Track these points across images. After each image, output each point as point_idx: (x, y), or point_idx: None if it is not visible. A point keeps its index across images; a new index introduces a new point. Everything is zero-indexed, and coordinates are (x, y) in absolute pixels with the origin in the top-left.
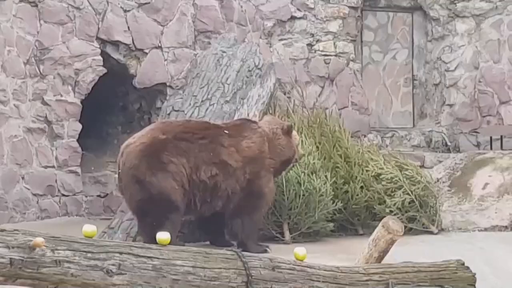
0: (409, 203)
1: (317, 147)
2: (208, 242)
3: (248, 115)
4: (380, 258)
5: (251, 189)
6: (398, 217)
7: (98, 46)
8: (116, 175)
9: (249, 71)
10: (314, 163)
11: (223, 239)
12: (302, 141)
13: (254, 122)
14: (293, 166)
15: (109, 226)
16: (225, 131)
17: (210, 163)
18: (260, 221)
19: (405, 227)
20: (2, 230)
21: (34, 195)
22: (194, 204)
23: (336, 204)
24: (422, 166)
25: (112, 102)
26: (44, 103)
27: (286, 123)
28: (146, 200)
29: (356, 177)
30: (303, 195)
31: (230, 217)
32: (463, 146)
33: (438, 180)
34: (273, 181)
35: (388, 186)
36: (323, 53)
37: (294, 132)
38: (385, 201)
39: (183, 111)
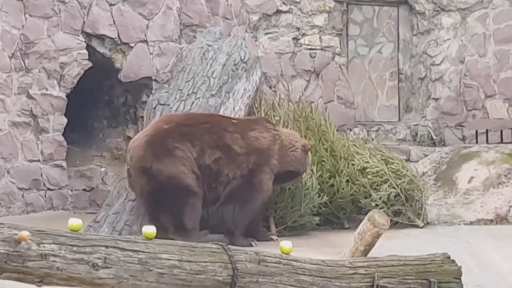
0: (395, 197)
1: None
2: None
3: (234, 109)
4: (366, 252)
5: (251, 179)
6: (383, 211)
7: (84, 40)
8: (102, 169)
9: (235, 65)
10: None
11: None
12: None
13: (272, 124)
14: (294, 183)
15: (95, 220)
16: (233, 121)
17: (214, 146)
18: (250, 215)
19: (391, 220)
20: None
21: (20, 189)
22: (203, 191)
23: (321, 198)
24: (407, 160)
25: (97, 96)
26: (29, 97)
27: (309, 142)
28: (156, 188)
29: (342, 170)
30: (289, 189)
31: (223, 203)
32: (449, 140)
33: (423, 174)
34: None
35: (373, 180)
36: (309, 47)
37: (309, 154)
38: (370, 195)
39: (169, 105)
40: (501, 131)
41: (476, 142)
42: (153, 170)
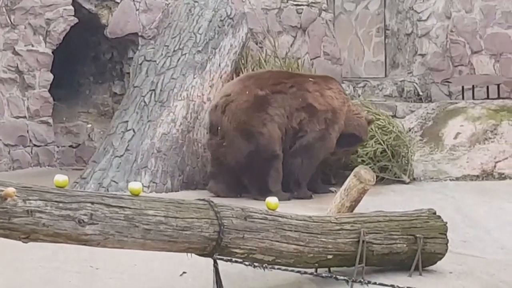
0: (381, 152)
1: None
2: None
3: (219, 65)
4: (352, 208)
5: (321, 135)
6: (370, 167)
7: None
8: (88, 125)
9: (221, 21)
10: None
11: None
12: None
13: (340, 84)
14: (352, 151)
15: (81, 176)
16: (310, 79)
17: (300, 109)
18: (314, 168)
19: (377, 176)
20: None
21: (6, 145)
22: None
23: None
24: (394, 116)
25: (83, 52)
26: (15, 53)
27: (372, 116)
28: (254, 151)
29: None
30: None
31: (292, 155)
32: (435, 96)
33: (410, 130)
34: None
35: None
36: (295, 2)
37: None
38: (357, 151)
39: (155, 61)
40: (487, 87)
41: (463, 98)
42: (256, 133)
